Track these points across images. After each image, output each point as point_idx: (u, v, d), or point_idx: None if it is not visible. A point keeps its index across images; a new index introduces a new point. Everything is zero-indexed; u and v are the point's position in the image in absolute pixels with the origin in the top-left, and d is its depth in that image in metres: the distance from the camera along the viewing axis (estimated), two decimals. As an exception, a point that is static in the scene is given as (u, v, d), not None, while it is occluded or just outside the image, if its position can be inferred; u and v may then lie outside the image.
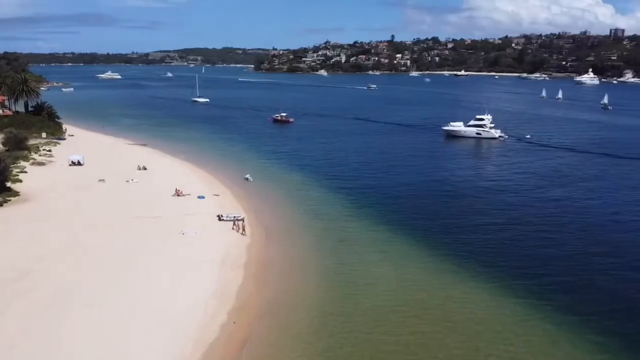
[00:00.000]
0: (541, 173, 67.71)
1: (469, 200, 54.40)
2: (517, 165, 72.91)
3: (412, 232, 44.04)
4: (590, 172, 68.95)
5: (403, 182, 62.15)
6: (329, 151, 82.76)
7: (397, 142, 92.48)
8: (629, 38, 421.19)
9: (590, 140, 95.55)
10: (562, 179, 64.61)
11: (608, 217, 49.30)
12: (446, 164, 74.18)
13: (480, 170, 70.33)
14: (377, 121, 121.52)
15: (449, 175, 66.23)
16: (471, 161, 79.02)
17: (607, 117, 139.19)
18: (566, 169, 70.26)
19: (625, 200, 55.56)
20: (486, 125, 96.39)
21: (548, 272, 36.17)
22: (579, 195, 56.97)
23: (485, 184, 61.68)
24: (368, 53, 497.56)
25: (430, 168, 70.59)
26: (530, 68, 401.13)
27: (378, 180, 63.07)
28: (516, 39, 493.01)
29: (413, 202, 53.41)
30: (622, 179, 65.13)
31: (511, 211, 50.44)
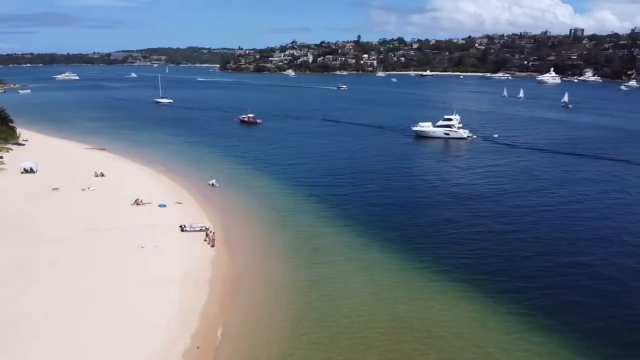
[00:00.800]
0: (512, 175, 67.18)
1: (443, 205, 53.07)
2: (489, 167, 72.17)
3: (387, 238, 42.34)
4: (560, 172, 68.87)
5: (375, 186, 60.32)
6: (298, 154, 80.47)
7: (367, 144, 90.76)
8: (588, 37, 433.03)
9: (555, 139, 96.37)
10: (534, 181, 64.18)
11: (585, 221, 48.77)
12: (418, 167, 72.89)
13: (453, 173, 69.09)
14: (347, 122, 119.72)
15: (421, 179, 64.76)
16: (442, 163, 77.78)
17: (569, 115, 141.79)
18: (537, 170, 69.98)
19: (598, 200, 55.39)
20: (454, 125, 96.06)
21: (530, 281, 34.95)
22: (553, 198, 56.49)
23: (458, 188, 60.47)
24: (335, 53, 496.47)
25: (402, 171, 69.02)
26: (494, 68, 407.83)
27: (350, 184, 61.05)
28: (479, 39, 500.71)
29: (387, 207, 51.66)
30: (591, 179, 65.24)
31: (487, 216, 49.33)
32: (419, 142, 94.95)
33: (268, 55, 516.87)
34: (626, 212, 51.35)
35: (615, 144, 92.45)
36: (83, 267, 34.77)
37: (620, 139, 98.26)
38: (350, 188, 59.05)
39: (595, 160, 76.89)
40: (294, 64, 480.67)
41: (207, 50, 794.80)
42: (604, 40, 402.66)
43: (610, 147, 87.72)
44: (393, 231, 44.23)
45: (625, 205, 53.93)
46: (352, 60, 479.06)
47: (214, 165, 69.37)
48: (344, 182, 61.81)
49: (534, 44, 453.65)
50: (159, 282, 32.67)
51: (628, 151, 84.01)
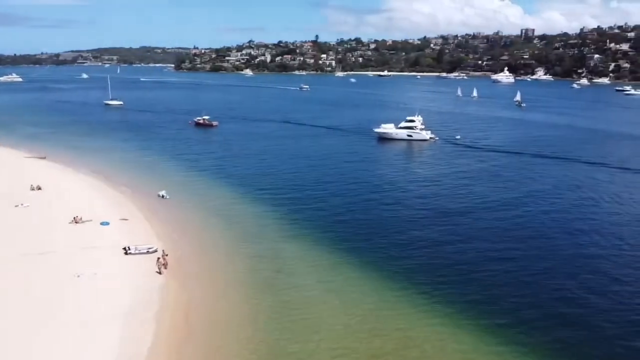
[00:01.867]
0: (481, 179, 64.89)
1: (413, 216, 49.83)
2: (457, 172, 69.29)
3: (356, 255, 38.72)
4: (526, 175, 67.28)
5: (340, 195, 56.34)
6: (257, 160, 75.80)
7: (331, 148, 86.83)
8: (539, 37, 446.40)
9: (517, 140, 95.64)
10: (503, 185, 62.23)
11: (558, 225, 46.87)
12: (383, 173, 68.97)
13: (420, 180, 65.49)
14: (309, 125, 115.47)
15: (388, 187, 61.09)
16: (409, 168, 73.90)
17: (524, 114, 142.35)
18: (503, 173, 68.16)
19: (565, 202, 53.83)
20: (417, 126, 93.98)
21: (521, 302, 31.92)
22: (525, 202, 54.59)
23: (427, 196, 57.44)
24: (293, 53, 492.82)
25: (368, 178, 65.15)
26: (449, 68, 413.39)
27: (314, 193, 57.04)
28: (434, 40, 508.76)
29: (355, 218, 47.97)
30: (558, 181, 63.99)
31: (460, 228, 46.54)
32: (382, 144, 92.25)
33: (225, 54, 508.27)
34: (597, 214, 49.88)
35: (575, 143, 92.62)
36: (7, 302, 29.58)
37: (580, 139, 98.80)
38: (314, 198, 54.93)
39: (558, 162, 76.03)
40: (251, 64, 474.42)
41: (161, 49, 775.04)
42: (555, 40, 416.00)
43: (571, 147, 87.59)
44: (362, 246, 40.66)
45: (595, 206, 52.56)
46: (311, 60, 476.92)
47: (165, 174, 64.03)
48: (307, 192, 57.58)
49: (487, 44, 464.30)
50: (96, 320, 27.91)
51: (589, 151, 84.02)
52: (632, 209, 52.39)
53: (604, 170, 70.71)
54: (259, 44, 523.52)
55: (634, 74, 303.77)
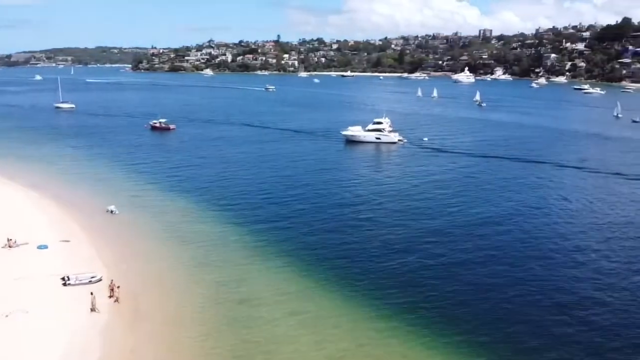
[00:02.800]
0: (454, 184, 62.24)
1: (387, 227, 46.32)
2: (430, 178, 66.18)
3: (333, 279, 34.76)
4: (497, 178, 65.32)
5: (310, 207, 52.05)
6: (219, 167, 70.70)
7: (297, 152, 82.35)
8: (496, 38, 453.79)
9: (484, 141, 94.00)
10: (475, 189, 59.92)
11: (534, 231, 44.42)
12: (353, 179, 65.19)
13: (392, 186, 61.88)
14: (274, 127, 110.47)
15: (359, 195, 57.39)
16: (379, 173, 69.85)
17: (486, 114, 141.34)
18: (475, 177, 65.92)
19: (543, 208, 51.65)
20: (385, 129, 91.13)
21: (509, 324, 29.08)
22: (498, 207, 52.13)
23: (405, 208, 53.80)
24: (255, 53, 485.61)
25: (337, 185, 61.27)
26: (411, 68, 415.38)
27: (280, 205, 52.59)
28: (395, 40, 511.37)
29: (328, 236, 43.70)
30: (528, 185, 62.11)
31: (436, 238, 43.47)
32: (350, 147, 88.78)
33: (184, 54, 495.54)
34: (568, 217, 47.83)
35: (540, 144, 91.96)
36: None
37: (547, 139, 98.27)
38: (280, 211, 50.47)
39: (526, 164, 74.32)
40: (212, 64, 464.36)
41: (117, 49, 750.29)
42: (512, 40, 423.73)
43: (538, 148, 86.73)
44: (337, 268, 36.67)
45: (564, 210, 50.53)
46: (273, 60, 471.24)
47: (116, 185, 58.35)
48: (273, 204, 53.03)
49: (447, 44, 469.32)
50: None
51: (558, 153, 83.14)
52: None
53: (574, 172, 69.53)
54: (219, 43, 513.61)
55: (589, 73, 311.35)
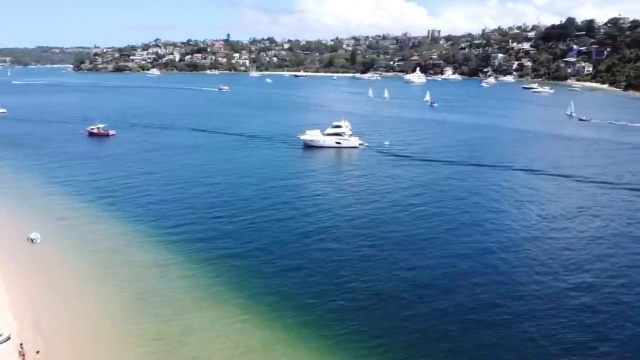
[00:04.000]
0: (420, 193, 58.14)
1: (361, 254, 41.04)
2: (396, 184, 62.29)
3: (298, 322, 29.20)
4: (464, 185, 61.75)
5: (268, 228, 45.97)
6: (162, 181, 62.91)
7: (252, 161, 75.54)
8: (445, 38, 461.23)
9: (445, 145, 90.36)
10: (442, 198, 55.79)
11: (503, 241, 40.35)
12: (316, 192, 59.04)
13: (358, 198, 56.81)
14: (226, 132, 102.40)
15: (324, 210, 51.76)
16: (343, 183, 63.92)
17: (441, 114, 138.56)
18: (440, 185, 62.01)
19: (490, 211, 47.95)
20: (345, 133, 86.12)
21: None
22: (465, 217, 47.99)
23: (370, 216, 49.34)
24: (204, 52, 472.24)
25: (299, 200, 55.07)
26: (363, 68, 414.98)
27: (232, 226, 46.19)
28: (346, 41, 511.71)
29: (289, 262, 37.99)
30: (499, 192, 58.62)
31: (412, 256, 38.60)
32: (309, 153, 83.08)
33: (129, 53, 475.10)
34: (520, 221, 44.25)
35: (501, 147, 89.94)
36: None
37: (504, 141, 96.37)
38: (232, 233, 44.24)
39: (493, 170, 71.13)
40: (158, 63, 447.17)
41: (59, 49, 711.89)
42: (460, 41, 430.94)
43: (499, 152, 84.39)
44: (302, 306, 31.12)
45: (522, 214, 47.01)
46: (223, 60, 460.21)
47: (41, 206, 50.31)
48: (224, 224, 46.50)
49: (397, 44, 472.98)
50: None
51: (518, 156, 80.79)
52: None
53: (536, 176, 66.82)
54: (166, 42, 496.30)
55: (535, 72, 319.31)
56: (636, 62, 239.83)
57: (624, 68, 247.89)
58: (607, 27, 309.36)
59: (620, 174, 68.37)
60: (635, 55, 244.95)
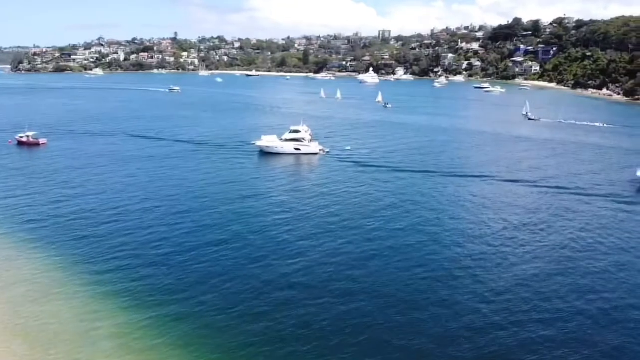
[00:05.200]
0: (388, 202, 53.59)
1: (331, 282, 35.80)
2: (363, 195, 57.45)
3: None
4: (432, 193, 57.90)
5: (219, 258, 39.34)
6: (96, 199, 54.43)
7: (201, 172, 67.62)
8: (395, 38, 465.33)
9: (406, 150, 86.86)
10: (413, 207, 51.37)
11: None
12: (275, 207, 52.63)
13: (322, 209, 52.18)
14: (174, 139, 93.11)
15: (287, 232, 45.84)
16: (306, 197, 57.28)
17: (398, 116, 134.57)
18: (405, 192, 57.90)
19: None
20: (305, 138, 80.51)
21: None
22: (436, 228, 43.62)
23: (339, 232, 44.14)
24: (150, 51, 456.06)
25: (257, 222, 48.27)
26: (316, 68, 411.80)
27: (178, 255, 39.45)
28: (298, 40, 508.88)
29: (246, 307, 31.97)
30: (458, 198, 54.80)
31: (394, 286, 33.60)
32: (266, 161, 76.62)
33: (70, 53, 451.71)
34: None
35: (465, 151, 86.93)
36: None
37: (465, 145, 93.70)
38: (177, 264, 37.70)
39: (460, 178, 67.60)
40: (102, 63, 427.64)
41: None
42: (410, 41, 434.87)
43: (463, 156, 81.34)
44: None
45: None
46: (171, 59, 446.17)
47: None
48: (168, 254, 39.60)
49: (349, 44, 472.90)
50: None
51: (479, 163, 77.88)
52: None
53: (496, 184, 63.75)
54: (110, 41, 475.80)
55: (485, 72, 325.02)
56: (583, 61, 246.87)
57: (571, 67, 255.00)
58: (553, 27, 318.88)
59: (573, 176, 67.17)
60: (581, 54, 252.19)
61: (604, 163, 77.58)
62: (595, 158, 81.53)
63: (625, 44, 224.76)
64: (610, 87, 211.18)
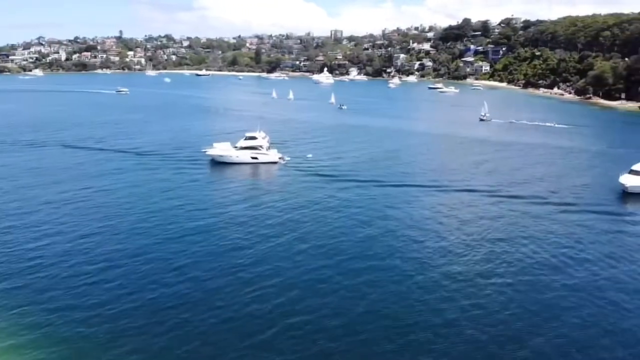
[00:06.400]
0: (361, 219, 48.54)
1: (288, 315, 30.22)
2: (329, 211, 52.18)
3: None
4: (405, 208, 53.27)
5: (160, 302, 33.02)
6: (19, 225, 46.52)
7: (144, 189, 58.81)
8: (347, 38, 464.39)
9: (372, 158, 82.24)
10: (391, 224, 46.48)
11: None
12: (228, 229, 46.27)
13: (286, 230, 46.75)
14: (115, 149, 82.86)
15: (242, 262, 39.61)
16: (263, 212, 51.58)
17: (354, 119, 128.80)
18: (378, 208, 53.01)
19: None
20: (262, 145, 74.15)
21: None
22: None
23: (303, 256, 38.65)
24: (94, 50, 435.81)
25: (201, 241, 42.42)
26: (269, 68, 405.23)
27: (105, 296, 33.13)
28: (250, 39, 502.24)
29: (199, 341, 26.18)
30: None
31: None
32: (219, 172, 69.41)
33: (8, 53, 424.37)
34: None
35: (428, 159, 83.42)
36: None
37: (429, 151, 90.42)
38: (111, 307, 31.36)
39: (427, 189, 63.62)
40: (42, 63, 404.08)
41: None
42: (363, 41, 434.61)
43: (427, 165, 77.61)
44: None
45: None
46: (116, 58, 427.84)
47: None
48: (95, 303, 32.72)
49: (301, 44, 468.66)
50: None
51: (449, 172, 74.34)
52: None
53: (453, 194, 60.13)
54: (51, 40, 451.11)
55: (436, 72, 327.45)
56: (532, 60, 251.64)
57: (521, 66, 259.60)
58: (501, 27, 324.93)
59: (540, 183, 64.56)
60: (530, 54, 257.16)
61: (569, 167, 75.29)
62: (565, 162, 78.78)
63: (574, 44, 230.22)
64: (561, 86, 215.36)
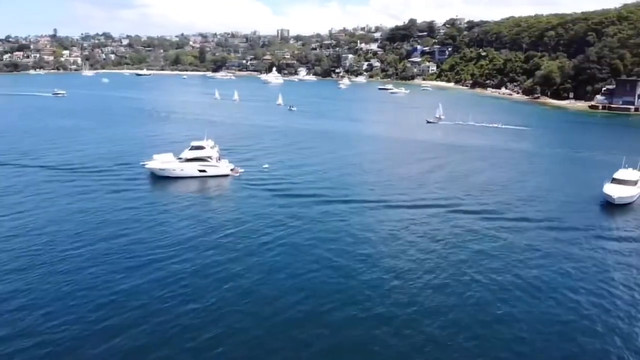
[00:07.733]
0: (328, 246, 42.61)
1: None
2: (292, 233, 45.99)
3: None
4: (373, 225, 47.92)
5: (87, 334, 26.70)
6: None
7: (71, 215, 50.12)
8: (294, 38, 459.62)
9: (335, 168, 77.21)
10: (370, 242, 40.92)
11: None
12: (168, 257, 39.58)
13: (237, 262, 40.13)
14: (42, 164, 71.80)
15: (180, 284, 33.84)
16: (209, 235, 45.16)
17: (309, 122, 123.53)
18: (347, 230, 47.33)
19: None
20: (212, 156, 66.28)
21: None
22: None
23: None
24: (26, 49, 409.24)
25: (138, 273, 35.81)
26: (214, 67, 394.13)
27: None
28: (193, 37, 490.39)
29: None
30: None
31: None
32: (159, 190, 60.66)
33: None
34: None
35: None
36: None
37: (384, 158, 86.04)
38: None
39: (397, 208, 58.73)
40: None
41: None
42: (310, 41, 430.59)
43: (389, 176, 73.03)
44: None
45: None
46: (50, 58, 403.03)
47: None
48: None
49: (247, 43, 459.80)
50: None
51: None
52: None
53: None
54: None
55: (384, 72, 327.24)
56: (478, 60, 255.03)
57: (467, 67, 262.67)
58: (446, 28, 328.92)
59: None
60: (476, 54, 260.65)
61: (542, 174, 72.75)
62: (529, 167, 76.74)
63: (519, 44, 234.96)
64: (508, 85, 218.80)
